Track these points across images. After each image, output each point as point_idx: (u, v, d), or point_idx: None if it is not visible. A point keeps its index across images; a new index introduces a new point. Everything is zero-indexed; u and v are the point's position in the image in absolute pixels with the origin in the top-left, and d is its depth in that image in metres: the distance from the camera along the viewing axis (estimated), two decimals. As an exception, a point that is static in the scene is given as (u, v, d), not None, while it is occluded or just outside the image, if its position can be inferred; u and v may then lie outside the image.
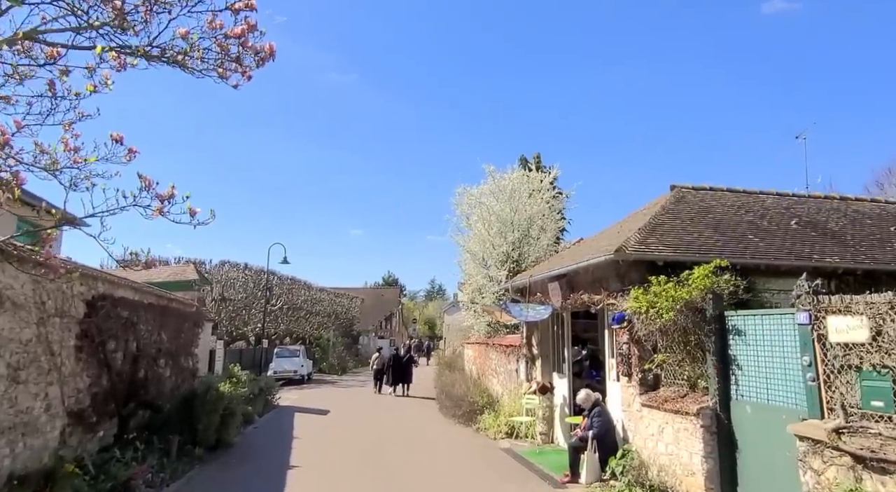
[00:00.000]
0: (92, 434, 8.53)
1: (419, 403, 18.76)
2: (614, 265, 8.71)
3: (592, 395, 8.74)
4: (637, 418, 8.06)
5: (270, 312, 30.99)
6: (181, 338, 13.67)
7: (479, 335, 19.42)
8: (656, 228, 9.13)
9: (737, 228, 9.59)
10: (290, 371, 25.56)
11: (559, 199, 20.07)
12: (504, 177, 19.32)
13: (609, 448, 8.31)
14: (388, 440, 11.75)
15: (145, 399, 10.83)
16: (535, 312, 10.62)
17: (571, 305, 9.94)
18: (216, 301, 26.00)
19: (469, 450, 11.00)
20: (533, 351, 12.14)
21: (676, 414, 7.03)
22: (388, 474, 8.98)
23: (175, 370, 13.09)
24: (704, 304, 6.86)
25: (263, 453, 10.18)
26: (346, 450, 10.72)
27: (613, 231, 10.99)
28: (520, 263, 18.63)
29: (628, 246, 8.24)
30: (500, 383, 15.71)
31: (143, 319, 10.95)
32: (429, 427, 13.70)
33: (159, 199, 4.71)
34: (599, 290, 9.20)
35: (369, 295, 59.03)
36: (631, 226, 10.11)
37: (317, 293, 38.83)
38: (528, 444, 11.25)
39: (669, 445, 7.22)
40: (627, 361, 8.25)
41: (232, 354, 26.23)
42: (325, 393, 21.91)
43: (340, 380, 28.94)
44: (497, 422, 12.47)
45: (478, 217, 19.27)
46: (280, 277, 32.43)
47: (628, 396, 8.34)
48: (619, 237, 9.58)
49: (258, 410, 14.58)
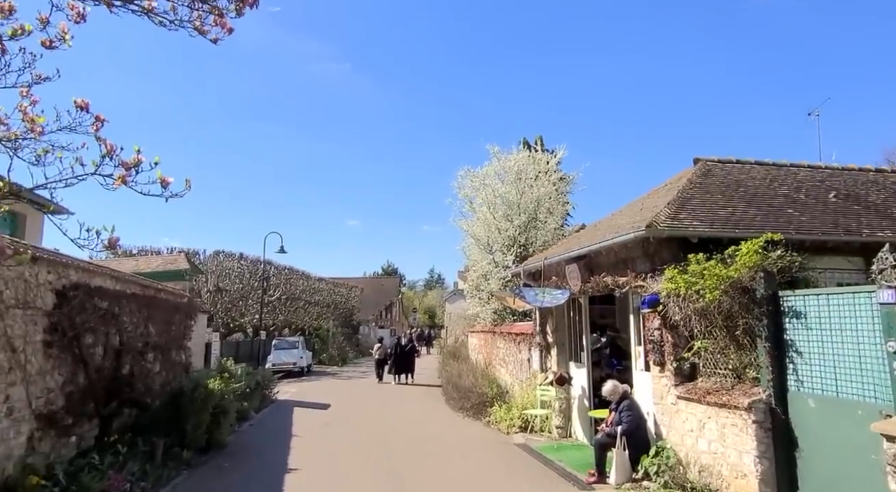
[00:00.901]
0: (67, 438, 7.72)
1: (423, 393, 18.01)
2: (642, 244, 7.88)
3: (620, 386, 7.94)
4: (672, 412, 7.26)
5: (268, 303, 30.15)
6: (172, 330, 12.86)
7: (485, 323, 18.62)
8: (686, 203, 8.28)
9: (772, 201, 8.75)
10: (288, 363, 24.80)
11: (566, 181, 19.20)
12: (509, 157, 18.42)
13: (640, 445, 7.52)
14: (393, 437, 10.96)
15: (131, 397, 10.01)
16: (552, 297, 9.80)
17: (592, 288, 9.11)
18: (211, 292, 25.13)
19: (481, 446, 10.23)
20: (547, 339, 11.33)
21: (722, 408, 6.23)
22: (395, 476, 8.20)
23: (166, 365, 12.29)
24: (754, 283, 6.03)
25: (259, 455, 9.38)
26: (350, 449, 9.93)
27: (634, 209, 10.14)
28: (527, 247, 17.80)
29: (660, 222, 7.40)
30: (510, 372, 14.93)
31: (126, 310, 10.12)
32: (436, 421, 12.93)
33: (124, 167, 3.94)
34: (624, 271, 8.37)
35: (368, 285, 58.28)
36: (654, 202, 9.27)
37: (315, 283, 37.98)
38: (544, 438, 10.47)
39: (713, 442, 6.42)
40: (660, 349, 7.44)
41: (229, 347, 25.48)
42: (326, 385, 21.15)
43: (341, 371, 28.20)
44: (509, 415, 11.70)
45: (482, 200, 18.40)
46: (277, 267, 31.53)
47: (661, 387, 7.54)
48: (643, 214, 8.74)
49: (255, 405, 13.80)
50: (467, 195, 19.69)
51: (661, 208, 8.07)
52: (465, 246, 19.77)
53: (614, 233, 8.30)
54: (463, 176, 19.60)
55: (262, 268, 28.30)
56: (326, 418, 13.37)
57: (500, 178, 18.42)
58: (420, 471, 8.45)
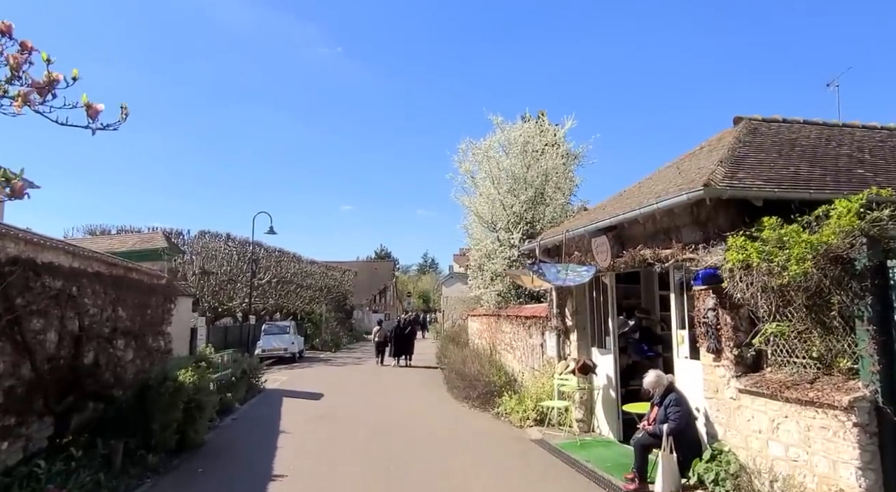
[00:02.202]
0: (9, 441, 6.49)
1: (422, 379, 16.86)
2: (691, 210, 6.66)
3: (664, 377, 6.75)
4: (731, 408, 6.09)
5: (258, 287, 28.83)
6: (147, 314, 11.60)
7: (489, 306, 17.43)
8: (741, 162, 7.04)
9: (837, 162, 7.53)
10: (279, 349, 23.59)
11: (575, 155, 17.87)
12: (514, 128, 17.08)
13: (690, 447, 6.36)
14: (394, 434, 9.78)
15: (95, 389, 8.77)
16: (576, 274, 8.57)
17: (625, 264, 7.88)
18: (197, 275, 23.76)
19: (493, 443, 9.06)
20: (566, 322, 10.13)
21: (807, 406, 5.05)
22: (398, 482, 7.01)
23: (141, 352, 11.06)
24: (852, 252, 4.82)
25: (240, 456, 8.15)
26: (345, 448, 8.73)
27: (668, 174, 8.89)
28: (533, 224, 16.56)
29: (717, 181, 6.16)
30: (518, 359, 13.77)
31: (88, 291, 8.84)
32: (440, 413, 11.75)
33: (35, 87, 2.81)
34: (667, 243, 7.14)
35: (362, 269, 56.97)
36: (696, 164, 8.03)
37: (307, 266, 36.65)
38: (563, 434, 9.32)
39: (793, 447, 5.25)
40: (715, 334, 6.24)
41: (216, 332, 24.21)
42: (319, 372, 19.95)
43: (334, 357, 27.02)
44: (522, 407, 10.53)
45: (485, 174, 17.09)
46: (267, 249, 30.15)
47: (715, 378, 6.35)
48: (686, 176, 7.50)
49: (240, 396, 12.57)
50: (469, 170, 18.39)
51: (711, 168, 6.83)
52: (466, 224, 18.53)
53: (655, 198, 7.06)
54: (464, 149, 18.31)
55: (251, 249, 26.97)
56: (319, 409, 12.17)
57: (504, 150, 17.11)
58: (429, 477, 7.26)
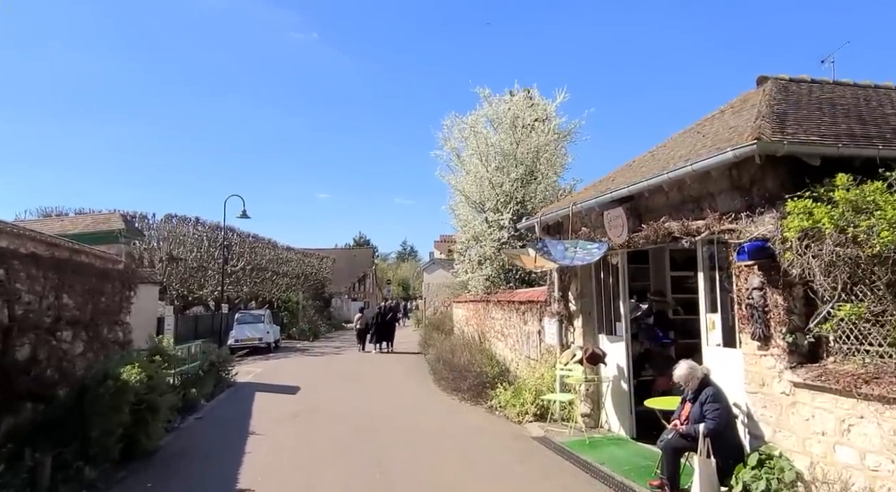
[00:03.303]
0: None
1: (406, 369, 15.82)
2: (729, 173, 5.70)
3: (698, 369, 5.78)
4: (784, 405, 5.15)
5: (231, 274, 27.44)
6: (101, 303, 10.37)
7: (477, 292, 16.42)
8: (784, 119, 6.05)
9: (888, 120, 6.59)
10: (253, 339, 22.34)
11: (568, 131, 16.81)
12: (503, 101, 15.96)
13: (732, 451, 5.43)
14: (378, 432, 8.73)
15: (31, 389, 7.57)
16: (586, 252, 7.56)
17: (645, 239, 6.88)
18: (164, 261, 22.31)
19: (490, 443, 8.08)
20: (570, 307, 9.15)
21: (892, 404, 4.11)
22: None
23: (93, 344, 9.85)
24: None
25: (200, 465, 7.00)
26: (323, 451, 7.66)
27: (688, 140, 7.89)
28: (524, 204, 15.54)
29: (766, 136, 5.16)
30: (511, 347, 12.80)
31: (19, 275, 7.62)
32: (428, 408, 10.73)
33: None
34: (697, 213, 6.16)
35: (341, 256, 55.61)
36: (725, 125, 7.03)
37: (283, 253, 35.21)
38: (568, 431, 8.37)
39: (872, 454, 4.32)
40: (763, 318, 5.28)
41: (186, 322, 22.86)
42: (295, 364, 18.78)
43: (312, 347, 25.82)
44: (519, 400, 9.55)
45: (473, 150, 15.97)
46: (240, 235, 28.67)
47: (761, 370, 5.41)
48: (719, 137, 6.51)
49: (206, 391, 11.38)
50: (454, 147, 17.27)
51: (750, 125, 5.84)
52: (452, 204, 17.41)
53: (685, 160, 6.06)
54: (449, 125, 17.16)
55: (223, 234, 25.53)
56: (294, 405, 11.05)
57: (492, 124, 16.01)
58: (417, 481, 6.23)
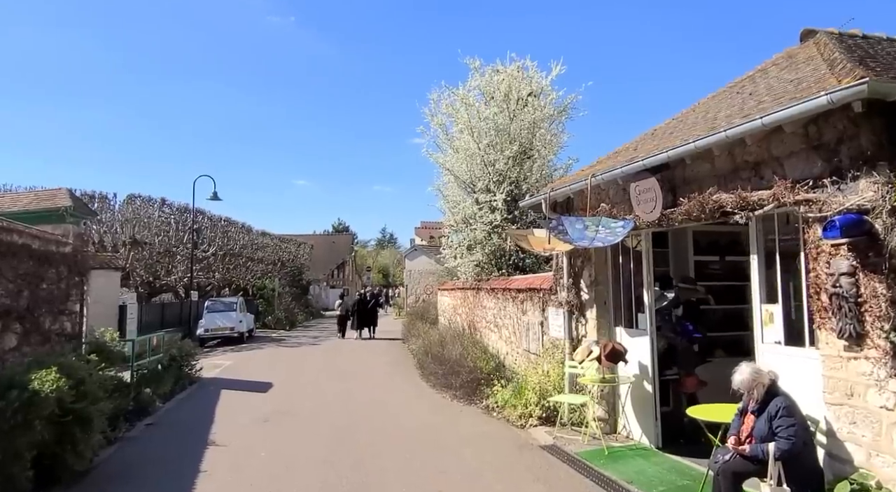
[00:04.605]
0: None
1: (391, 362, 14.59)
2: (804, 131, 4.55)
3: (765, 374, 4.64)
4: (886, 422, 4.04)
5: (202, 259, 25.86)
6: (42, 290, 9.02)
7: (466, 278, 15.22)
8: (867, 65, 4.91)
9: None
10: (224, 328, 20.89)
11: (564, 106, 15.58)
12: (497, 70, 14.66)
13: (810, 478, 4.32)
14: (362, 440, 7.51)
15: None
16: (609, 231, 6.38)
17: (684, 215, 5.71)
18: (127, 245, 20.69)
19: (493, 452, 6.93)
20: (581, 296, 7.99)
21: None
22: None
23: (30, 338, 8.51)
24: None
25: (140, 490, 5.71)
26: (296, 467, 6.41)
27: (728, 101, 6.73)
28: (519, 184, 14.35)
29: (871, 77, 4.00)
30: (506, 340, 11.66)
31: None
32: (418, 408, 9.54)
33: None
34: (758, 181, 5.02)
35: (319, 242, 54.06)
36: (781, 79, 5.89)
37: (258, 238, 33.59)
38: (582, 438, 7.24)
39: None
40: (855, 311, 4.16)
41: (152, 310, 21.35)
42: (269, 355, 17.43)
43: (289, 336, 24.44)
44: (522, 400, 8.41)
45: (464, 125, 14.67)
46: (211, 218, 27.01)
47: (850, 376, 4.30)
48: (775, 91, 5.36)
49: (164, 390, 10.02)
50: (441, 123, 15.95)
51: (823, 73, 4.70)
52: (440, 184, 16.12)
53: (742, 118, 4.89)
54: (436, 100, 15.80)
55: (192, 217, 23.91)
56: (266, 406, 9.76)
57: (485, 97, 14.72)
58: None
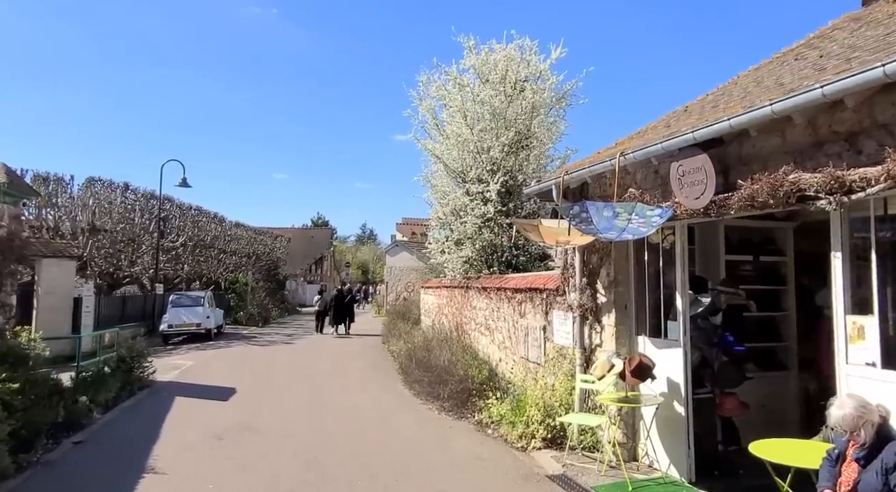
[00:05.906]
0: None
1: (370, 365, 13.31)
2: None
3: (873, 408, 3.50)
4: None
5: (170, 250, 24.25)
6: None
7: (454, 276, 14.01)
8: None
9: None
10: (190, 324, 19.40)
11: (563, 92, 14.41)
12: (494, 50, 13.45)
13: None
14: (335, 466, 6.25)
15: None
16: (643, 220, 5.21)
17: (746, 201, 4.55)
18: (85, 232, 19.07)
19: (491, 481, 5.74)
20: (597, 299, 6.83)
21: None
22: None
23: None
24: None
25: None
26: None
27: (783, 70, 5.62)
28: (514, 175, 13.17)
29: None
30: (499, 345, 10.47)
31: None
32: (402, 424, 8.28)
33: None
34: (854, 157, 3.89)
35: (297, 236, 52.39)
36: (851, 43, 4.79)
37: (232, 229, 31.99)
38: (597, 467, 6.09)
39: None
40: None
41: (112, 304, 19.72)
42: (237, 355, 16.02)
43: (261, 333, 22.97)
44: (522, 417, 7.22)
45: (456, 108, 13.43)
46: (180, 207, 25.38)
47: None
48: (850, 56, 4.25)
49: (105, 397, 8.61)
50: (430, 107, 14.69)
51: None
52: (428, 173, 14.87)
53: (844, 71, 3.76)
54: (425, 82, 14.52)
55: (159, 204, 22.31)
56: (222, 418, 8.41)
57: (480, 77, 13.50)
58: None
